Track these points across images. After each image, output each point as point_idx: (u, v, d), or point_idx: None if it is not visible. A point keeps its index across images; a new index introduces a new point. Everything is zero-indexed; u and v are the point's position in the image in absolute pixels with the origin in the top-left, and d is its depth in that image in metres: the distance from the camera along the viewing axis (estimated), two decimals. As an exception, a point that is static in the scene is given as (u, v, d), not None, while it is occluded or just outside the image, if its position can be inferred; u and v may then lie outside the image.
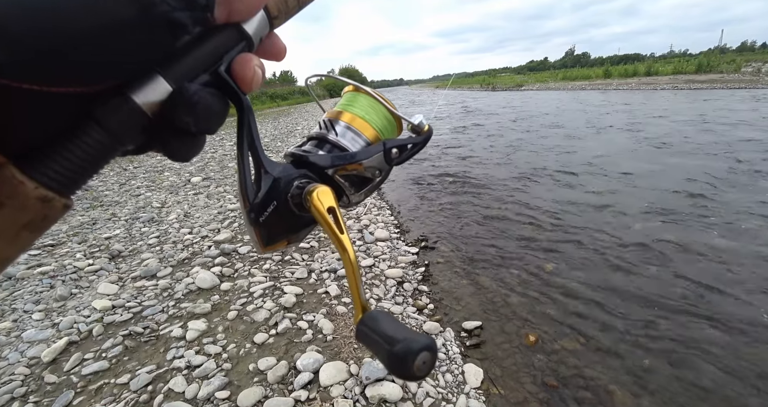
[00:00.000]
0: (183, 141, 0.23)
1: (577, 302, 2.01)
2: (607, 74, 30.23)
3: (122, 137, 0.20)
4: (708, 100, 10.96)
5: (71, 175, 0.18)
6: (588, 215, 3.12)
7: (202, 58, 0.22)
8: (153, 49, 0.20)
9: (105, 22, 0.17)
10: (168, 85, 0.20)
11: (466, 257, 2.56)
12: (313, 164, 0.34)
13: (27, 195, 0.17)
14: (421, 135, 0.40)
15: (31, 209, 0.17)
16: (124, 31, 0.17)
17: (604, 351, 1.66)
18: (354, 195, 0.38)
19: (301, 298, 1.98)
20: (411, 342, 0.23)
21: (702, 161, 4.45)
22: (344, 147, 0.37)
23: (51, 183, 0.18)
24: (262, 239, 0.31)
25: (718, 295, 1.99)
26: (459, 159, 5.56)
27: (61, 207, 0.18)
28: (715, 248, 2.45)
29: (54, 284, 2.20)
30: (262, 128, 11.92)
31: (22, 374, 1.51)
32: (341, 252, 0.29)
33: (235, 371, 1.49)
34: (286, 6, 0.27)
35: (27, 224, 0.17)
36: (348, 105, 0.39)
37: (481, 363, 1.59)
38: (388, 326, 0.25)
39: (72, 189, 0.19)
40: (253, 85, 0.25)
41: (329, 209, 0.30)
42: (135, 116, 0.20)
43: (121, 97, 0.19)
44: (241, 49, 0.24)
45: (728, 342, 1.67)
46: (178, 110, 0.21)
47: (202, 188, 4.37)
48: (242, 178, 0.29)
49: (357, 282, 0.29)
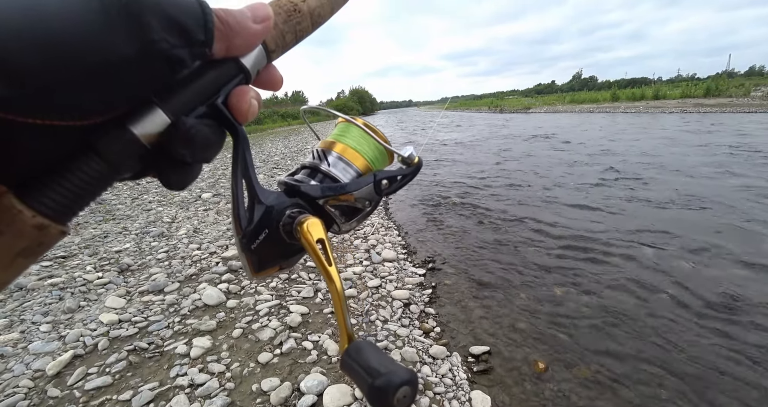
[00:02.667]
0: (179, 171, 0.24)
1: (589, 328, 1.96)
2: (615, 98, 30.43)
3: (120, 167, 0.20)
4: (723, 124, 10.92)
5: (68, 203, 0.19)
6: (599, 239, 3.07)
7: (199, 91, 0.23)
8: (152, 84, 0.20)
9: (107, 58, 0.17)
10: (166, 117, 0.21)
11: (474, 280, 2.53)
12: (305, 193, 0.35)
13: (24, 223, 0.17)
14: (410, 167, 0.41)
15: (28, 236, 0.18)
16: (125, 67, 0.18)
17: (617, 381, 1.60)
18: (344, 224, 0.39)
19: (306, 318, 1.96)
20: (392, 375, 0.24)
21: (731, 186, 4.39)
22: (335, 177, 0.38)
23: (48, 211, 0.18)
24: (253, 265, 0.32)
25: (737, 325, 1.92)
26: (468, 180, 5.58)
27: (57, 234, 0.19)
28: (733, 276, 2.38)
29: (63, 296, 2.23)
30: (273, 147, 12.16)
31: (26, 387, 1.50)
32: (328, 283, 0.30)
33: (237, 391, 1.46)
34: (284, 40, 0.28)
35: (23, 250, 0.18)
36: (340, 136, 0.41)
37: (488, 390, 1.54)
38: (371, 357, 0.26)
39: (69, 217, 0.19)
40: (249, 117, 0.26)
41: (319, 240, 0.31)
42: (133, 147, 0.20)
43: (121, 129, 0.20)
44: (238, 82, 0.25)
45: (749, 376, 1.60)
46: (175, 143, 0.22)
47: (212, 205, 4.43)
48: (235, 205, 0.30)
49: (344, 312, 0.29)
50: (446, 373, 1.60)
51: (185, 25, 0.20)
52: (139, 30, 0.18)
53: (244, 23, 0.23)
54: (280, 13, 0.27)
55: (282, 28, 0.28)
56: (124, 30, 0.18)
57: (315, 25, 0.31)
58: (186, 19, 0.20)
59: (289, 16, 0.28)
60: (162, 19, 0.19)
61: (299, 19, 0.29)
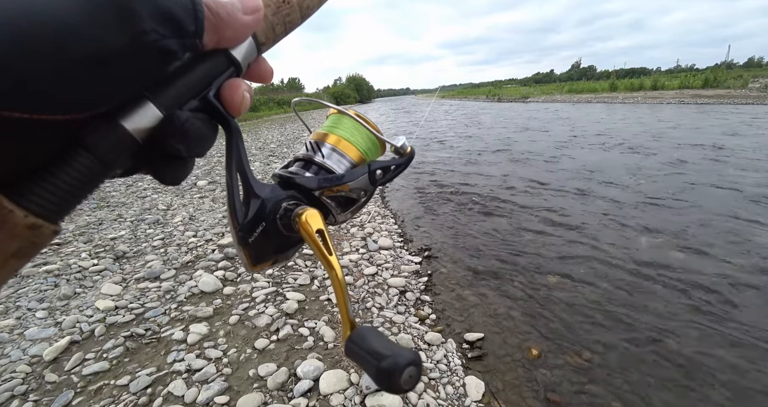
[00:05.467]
0: (173, 166, 0.24)
1: (582, 316, 1.99)
2: (613, 88, 30.29)
3: (112, 163, 0.20)
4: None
5: (60, 202, 0.18)
6: (594, 229, 3.10)
7: (191, 84, 0.23)
8: (143, 77, 0.20)
9: (96, 50, 0.16)
10: (158, 111, 0.21)
11: (469, 268, 2.55)
12: (301, 185, 0.35)
13: (16, 224, 0.17)
14: (403, 157, 0.42)
15: (20, 237, 0.17)
16: (115, 59, 0.17)
17: (608, 367, 1.64)
18: (340, 215, 0.39)
19: (303, 305, 1.98)
20: (397, 357, 0.24)
21: (732, 180, 4.42)
22: (330, 168, 0.38)
23: (40, 210, 0.17)
24: (251, 259, 0.32)
25: (728, 313, 1.96)
26: (464, 169, 5.57)
27: (49, 234, 0.18)
28: (727, 266, 2.42)
29: (58, 283, 2.22)
30: (269, 134, 12.04)
31: (23, 372, 1.51)
32: (329, 271, 0.30)
33: (234, 376, 1.48)
34: (273, 33, 0.28)
35: (16, 252, 0.17)
36: (333, 127, 0.40)
37: (482, 376, 1.57)
38: (375, 342, 0.26)
39: (61, 215, 0.19)
40: (242, 110, 0.26)
41: (318, 231, 0.31)
42: (125, 142, 0.20)
43: (111, 124, 0.19)
44: (229, 75, 0.25)
45: (738, 362, 1.64)
46: (169, 137, 0.21)
47: (208, 192, 4.40)
48: (231, 199, 0.29)
49: (345, 300, 0.29)
50: (441, 359, 1.63)
51: (175, 15, 0.19)
52: (128, 20, 0.17)
53: (234, 14, 0.23)
54: (269, 5, 0.27)
55: (272, 20, 0.27)
56: (113, 20, 0.17)
57: (304, 16, 0.31)
58: (176, 9, 0.19)
59: (279, 7, 0.28)
60: (152, 8, 0.18)
61: (288, 10, 0.29)
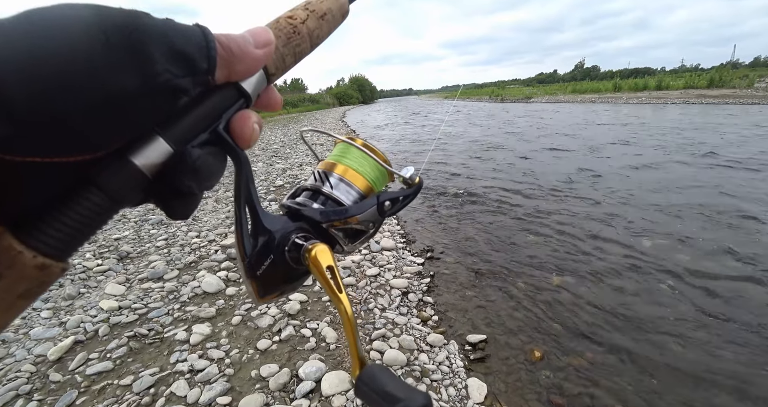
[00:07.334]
0: (183, 201, 0.24)
1: (585, 318, 1.98)
2: (617, 88, 30.09)
3: (122, 200, 0.20)
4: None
5: (69, 240, 0.18)
6: (598, 230, 3.08)
7: (201, 119, 0.22)
8: (155, 115, 0.20)
9: (109, 92, 0.16)
10: (168, 147, 0.20)
11: (472, 269, 2.54)
12: (309, 218, 0.35)
13: (25, 265, 0.16)
14: (412, 187, 0.42)
15: (30, 277, 0.17)
16: (128, 100, 0.17)
17: (612, 370, 1.63)
18: (348, 246, 0.39)
19: (305, 305, 1.98)
20: (410, 401, 0.24)
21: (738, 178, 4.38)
22: (338, 199, 0.37)
23: (49, 250, 0.17)
24: (259, 291, 0.31)
25: (734, 315, 1.94)
26: (468, 171, 5.56)
27: (58, 272, 0.18)
28: (732, 267, 2.39)
29: (63, 283, 2.24)
30: (272, 135, 12.06)
31: (28, 371, 1.52)
32: (339, 307, 0.30)
33: (237, 377, 1.49)
34: (284, 63, 0.28)
35: (23, 293, 0.17)
36: (341, 156, 0.40)
37: (485, 378, 1.56)
38: (387, 383, 0.26)
39: (70, 253, 0.19)
40: (251, 142, 0.25)
41: (328, 267, 0.31)
42: (135, 179, 0.20)
43: (122, 161, 0.19)
44: (239, 107, 0.25)
45: (743, 364, 1.62)
46: (180, 175, 0.21)
47: (211, 192, 4.42)
48: (239, 231, 0.29)
49: (355, 338, 0.29)
50: (443, 361, 1.62)
51: (188, 54, 0.19)
52: (142, 62, 0.17)
53: (246, 49, 0.23)
54: (280, 36, 0.27)
55: (282, 51, 0.27)
56: (127, 63, 0.17)
57: (313, 45, 0.31)
58: (189, 49, 0.19)
59: (289, 38, 0.28)
60: (166, 50, 0.18)
61: (299, 41, 0.29)
